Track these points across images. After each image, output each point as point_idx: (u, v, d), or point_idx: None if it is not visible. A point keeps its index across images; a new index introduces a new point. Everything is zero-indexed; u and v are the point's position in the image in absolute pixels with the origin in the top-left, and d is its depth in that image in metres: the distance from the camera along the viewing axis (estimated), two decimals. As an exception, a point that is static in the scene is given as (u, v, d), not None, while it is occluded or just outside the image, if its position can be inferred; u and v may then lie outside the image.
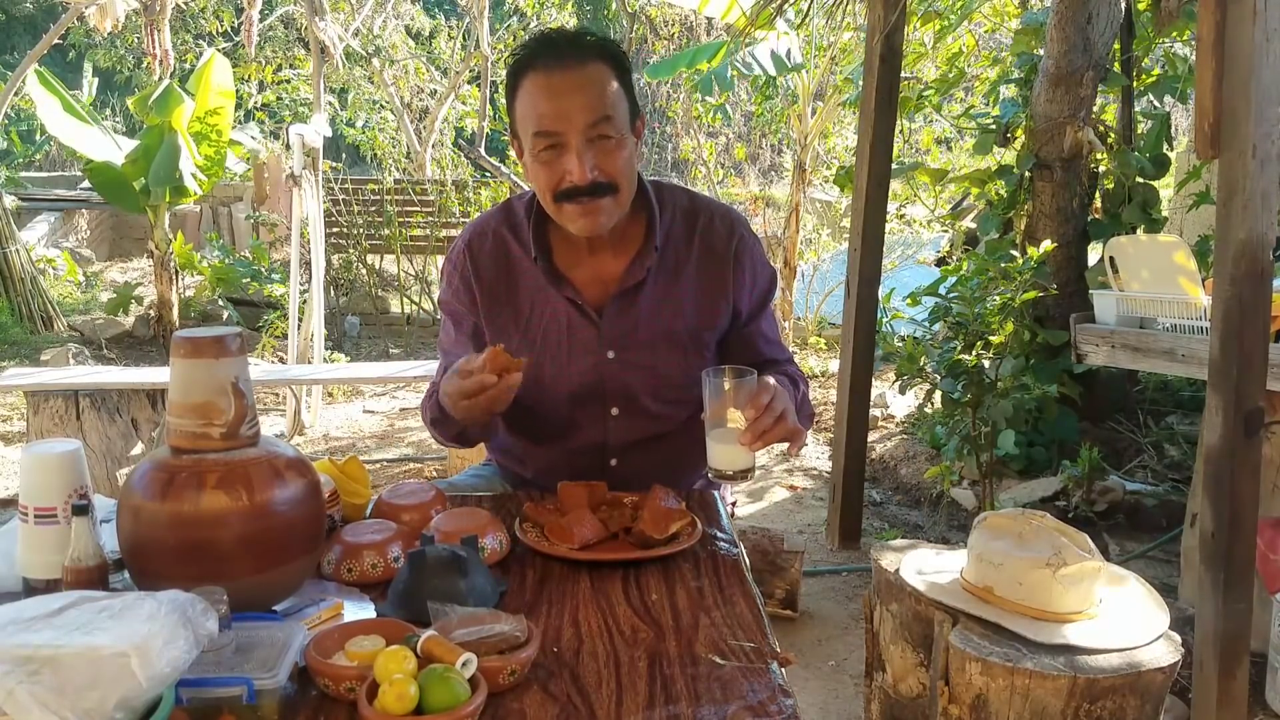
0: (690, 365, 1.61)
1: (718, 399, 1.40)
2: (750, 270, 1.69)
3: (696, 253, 1.65)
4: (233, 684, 0.94)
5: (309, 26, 5.44)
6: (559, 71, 1.47)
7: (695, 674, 1.06)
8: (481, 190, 7.40)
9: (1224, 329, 1.90)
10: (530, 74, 1.50)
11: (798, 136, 6.88)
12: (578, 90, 1.48)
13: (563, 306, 1.61)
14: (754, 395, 1.38)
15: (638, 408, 1.64)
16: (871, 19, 3.34)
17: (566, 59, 1.48)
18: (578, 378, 1.62)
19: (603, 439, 1.65)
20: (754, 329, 1.72)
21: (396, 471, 4.45)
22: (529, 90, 1.50)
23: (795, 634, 2.85)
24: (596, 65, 1.50)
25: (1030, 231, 3.82)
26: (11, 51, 14.57)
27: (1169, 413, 4.09)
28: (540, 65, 1.49)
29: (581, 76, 1.48)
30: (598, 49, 1.51)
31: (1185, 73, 3.89)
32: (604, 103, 1.49)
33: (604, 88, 1.50)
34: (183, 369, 1.12)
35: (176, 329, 2.87)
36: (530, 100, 1.50)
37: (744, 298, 1.69)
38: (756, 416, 1.37)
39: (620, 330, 1.61)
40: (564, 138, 1.48)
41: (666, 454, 1.67)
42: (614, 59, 1.53)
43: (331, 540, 1.31)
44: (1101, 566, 1.62)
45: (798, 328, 6.86)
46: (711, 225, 1.67)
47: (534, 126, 1.49)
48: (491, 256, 1.65)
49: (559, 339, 1.62)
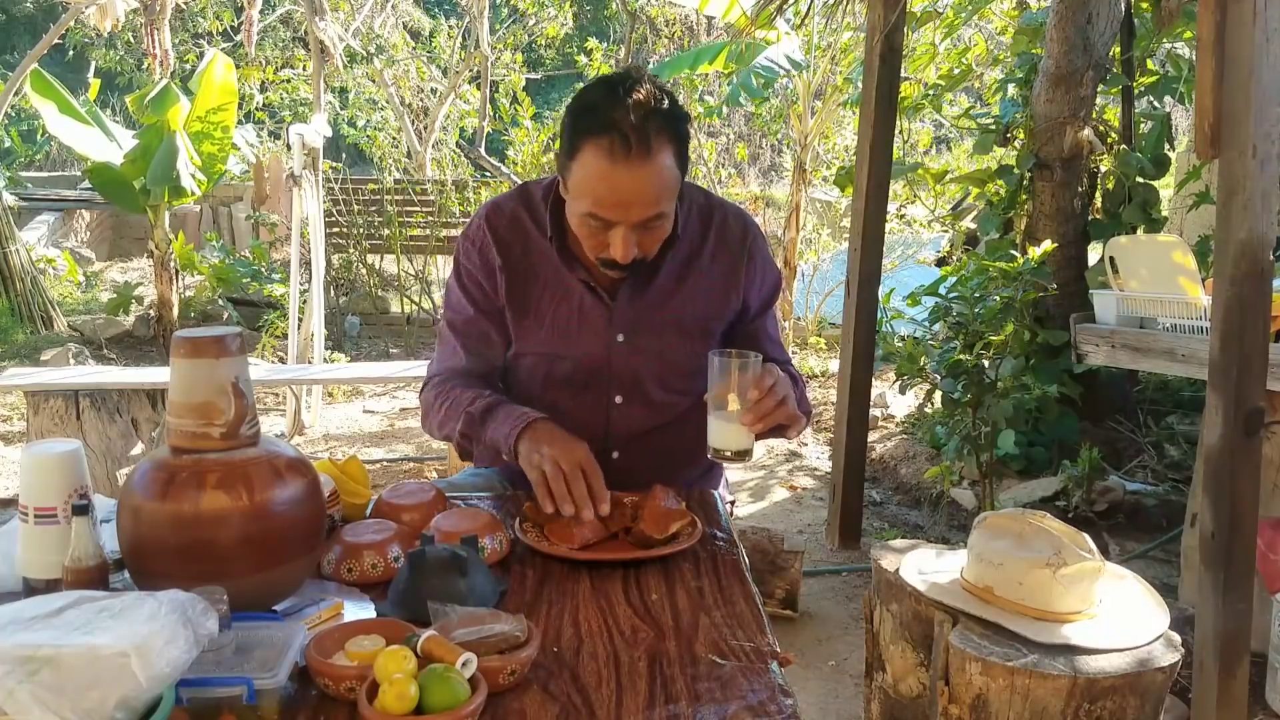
0: (697, 354, 1.63)
1: (723, 379, 1.43)
2: (761, 267, 1.73)
3: (711, 245, 1.69)
4: (233, 684, 0.94)
5: (309, 26, 5.44)
6: (623, 163, 1.42)
7: (695, 674, 1.06)
8: (481, 190, 7.40)
9: (1224, 329, 1.90)
10: (592, 148, 1.43)
11: (798, 136, 6.88)
12: (639, 187, 1.44)
13: (576, 287, 1.63)
14: (758, 377, 1.42)
15: (642, 395, 1.66)
16: (871, 19, 3.33)
17: (633, 149, 1.41)
18: (585, 360, 1.64)
19: (604, 428, 1.66)
20: (758, 326, 1.75)
21: (396, 471, 4.45)
22: (588, 165, 1.45)
23: (795, 634, 2.85)
24: (661, 153, 1.44)
25: (1030, 231, 3.82)
26: (11, 51, 14.57)
27: (1169, 413, 4.09)
28: (604, 147, 1.42)
29: (645, 171, 1.43)
30: (667, 130, 1.45)
31: (1185, 73, 3.89)
32: (661, 197, 1.47)
33: (664, 179, 1.46)
34: (183, 369, 1.12)
35: (176, 329, 2.86)
36: (587, 178, 1.46)
37: (753, 293, 1.73)
38: (760, 398, 1.41)
39: (632, 314, 1.64)
40: (615, 223, 1.48)
41: (668, 447, 1.69)
42: (679, 136, 1.48)
43: (331, 540, 1.31)
44: (1101, 566, 1.62)
45: (798, 328, 6.86)
46: (726, 221, 1.71)
47: (587, 205, 1.47)
48: (509, 230, 1.67)
49: (569, 318, 1.64)
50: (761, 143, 10.23)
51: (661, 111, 1.44)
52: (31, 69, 6.49)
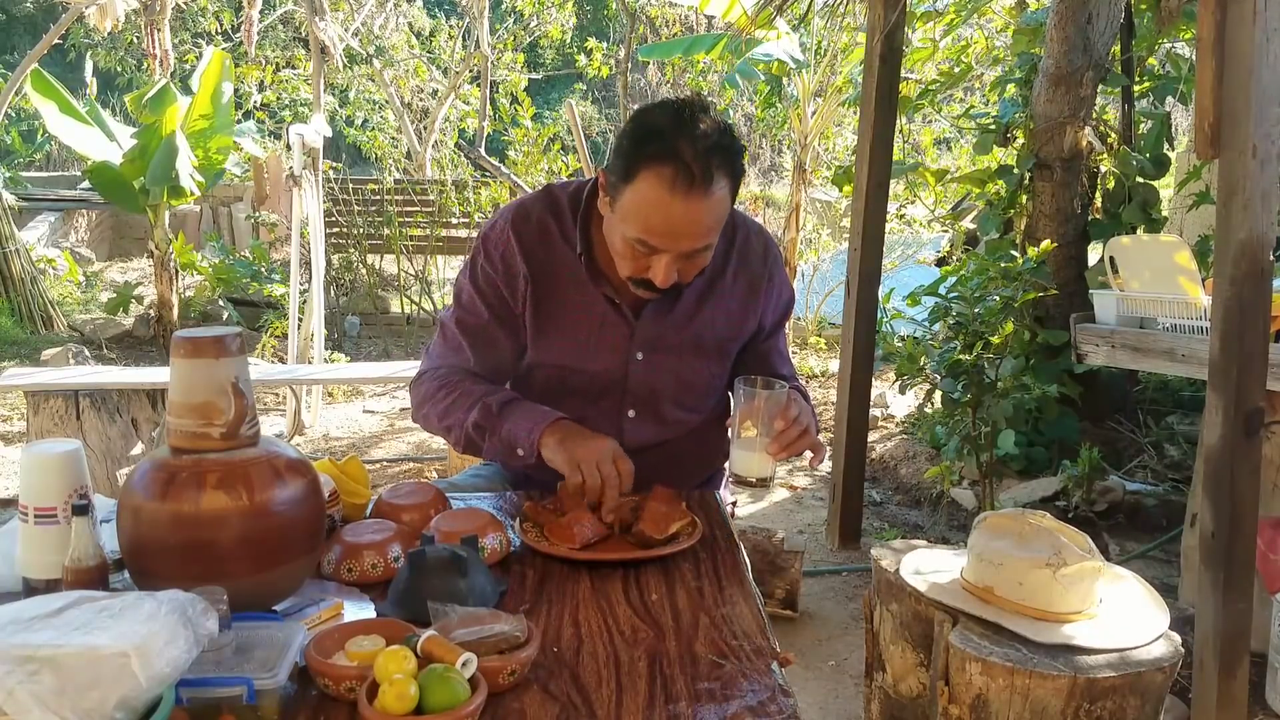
0: (714, 374, 1.66)
1: (748, 408, 1.45)
2: (778, 287, 1.74)
3: (734, 264, 1.68)
4: (233, 684, 0.94)
5: (309, 26, 5.44)
6: (683, 196, 1.40)
7: (695, 674, 1.06)
8: (481, 190, 7.40)
9: (1224, 329, 1.90)
10: (652, 175, 1.40)
11: (798, 136, 6.88)
12: (694, 220, 1.43)
13: (599, 303, 1.62)
14: (784, 407, 1.44)
15: (655, 412, 1.66)
16: (871, 19, 3.34)
17: (695, 184, 1.39)
18: (603, 376, 1.64)
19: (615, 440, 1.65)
20: (771, 344, 1.76)
21: (396, 471, 4.45)
22: (644, 192, 1.42)
23: (795, 634, 2.85)
24: (719, 187, 1.43)
25: (1030, 231, 3.82)
26: (11, 51, 14.57)
27: (1169, 413, 4.09)
28: (667, 176, 1.39)
29: (703, 205, 1.41)
30: (727, 165, 1.43)
31: (1186, 73, 3.89)
32: (713, 230, 1.47)
33: (718, 213, 1.45)
34: (183, 369, 1.12)
35: (176, 329, 2.86)
36: (642, 204, 1.43)
37: (769, 313, 1.74)
38: (785, 428, 1.42)
39: (654, 333, 1.63)
40: (662, 251, 1.46)
41: (673, 460, 1.68)
42: (736, 172, 1.47)
43: (331, 540, 1.31)
44: (1101, 566, 1.62)
45: (798, 328, 6.86)
46: (749, 241, 1.71)
47: (638, 232, 1.44)
48: (536, 237, 1.63)
49: (589, 333, 1.63)
50: (761, 143, 10.23)
51: (724, 145, 1.42)
52: (31, 69, 6.49)
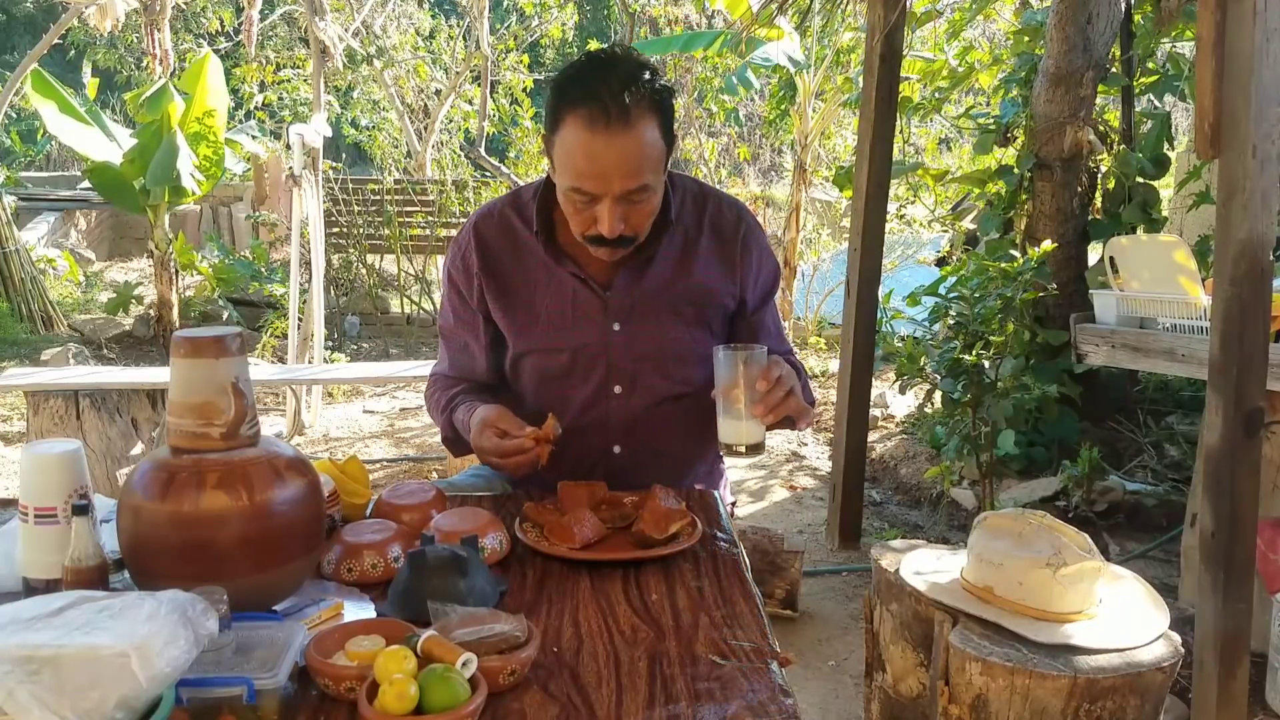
0: (695, 341, 1.65)
1: (729, 373, 1.43)
2: (757, 259, 1.72)
3: (706, 234, 1.68)
4: (233, 684, 0.94)
5: (309, 26, 5.44)
6: (603, 133, 1.41)
7: (695, 674, 1.06)
8: (481, 190, 7.40)
9: (1224, 329, 1.90)
10: (573, 119, 1.43)
11: (798, 136, 6.88)
12: (619, 156, 1.43)
13: (567, 280, 1.64)
14: (765, 369, 1.42)
15: (640, 385, 1.66)
16: (871, 19, 3.34)
17: (613, 119, 1.40)
18: (585, 352, 1.64)
19: (604, 420, 1.66)
20: (758, 320, 1.75)
21: (396, 471, 4.46)
22: (569, 138, 1.44)
23: (795, 634, 2.85)
24: (642, 123, 1.43)
25: (1030, 231, 3.82)
26: (11, 51, 14.58)
27: (1169, 413, 4.08)
28: (584, 116, 1.41)
29: (625, 141, 1.42)
30: (647, 101, 1.44)
31: (1186, 73, 3.89)
32: (644, 167, 1.46)
33: (645, 150, 1.45)
34: (183, 369, 1.12)
35: (176, 329, 2.86)
36: (569, 150, 1.45)
37: (750, 286, 1.72)
38: (768, 389, 1.40)
39: (627, 303, 1.63)
40: (599, 196, 1.47)
41: (669, 442, 1.68)
42: (661, 108, 1.47)
43: (331, 540, 1.31)
44: (1101, 566, 1.62)
45: (798, 328, 6.86)
46: (720, 211, 1.71)
47: (570, 180, 1.46)
48: (497, 234, 1.68)
49: (562, 311, 1.64)
50: (761, 143, 10.23)
51: (642, 82, 1.44)
52: (31, 69, 6.49)
